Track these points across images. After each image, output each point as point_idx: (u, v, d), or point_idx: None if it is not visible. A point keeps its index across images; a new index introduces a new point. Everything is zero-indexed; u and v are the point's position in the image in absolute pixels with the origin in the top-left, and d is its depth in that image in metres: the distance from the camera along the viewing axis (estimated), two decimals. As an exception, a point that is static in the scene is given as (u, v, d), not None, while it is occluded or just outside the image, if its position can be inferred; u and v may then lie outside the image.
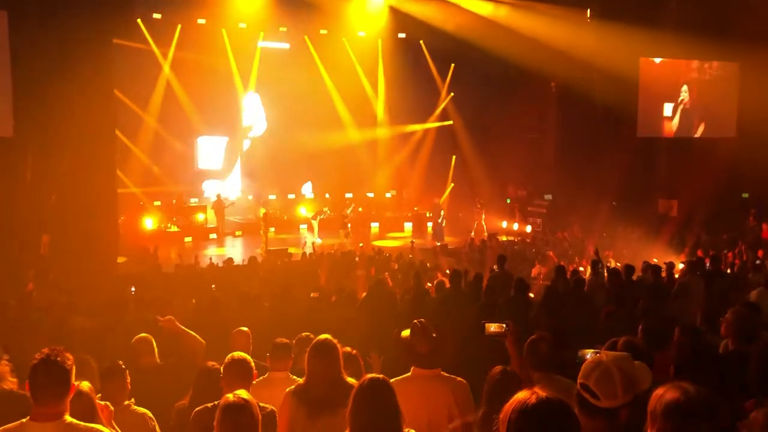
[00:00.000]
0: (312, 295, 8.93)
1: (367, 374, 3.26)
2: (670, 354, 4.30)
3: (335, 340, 3.79)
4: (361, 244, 17.83)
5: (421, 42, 23.44)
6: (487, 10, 20.31)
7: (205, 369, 4.15)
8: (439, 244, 19.03)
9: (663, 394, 2.12)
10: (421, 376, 3.81)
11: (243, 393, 3.08)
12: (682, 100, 21.58)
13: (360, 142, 23.51)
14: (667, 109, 21.58)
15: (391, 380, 3.71)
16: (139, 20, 18.53)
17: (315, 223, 20.22)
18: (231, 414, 2.95)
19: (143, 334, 5.11)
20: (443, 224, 20.53)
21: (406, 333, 3.92)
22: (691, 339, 4.13)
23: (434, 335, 3.83)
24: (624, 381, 2.47)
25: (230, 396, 3.03)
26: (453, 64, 23.57)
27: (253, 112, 23.49)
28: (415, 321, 3.92)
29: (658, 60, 21.38)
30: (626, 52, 19.15)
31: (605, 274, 9.54)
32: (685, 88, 21.45)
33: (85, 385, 3.46)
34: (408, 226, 22.61)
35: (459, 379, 3.88)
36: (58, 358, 2.96)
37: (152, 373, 4.81)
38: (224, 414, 2.97)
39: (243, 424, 2.94)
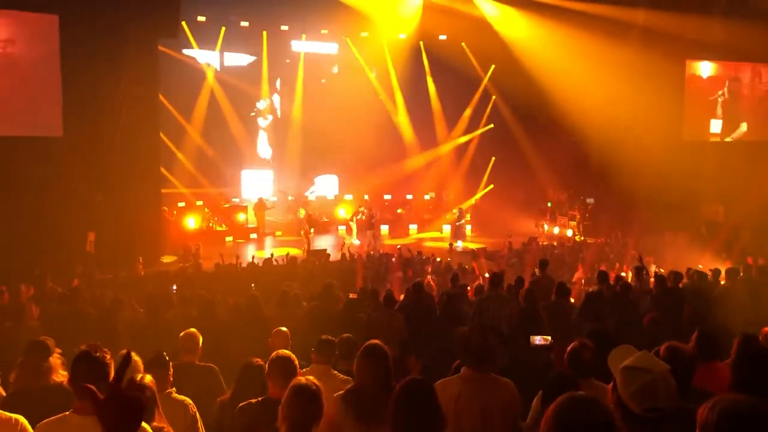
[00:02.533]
0: (351, 296, 8.96)
1: (408, 376, 3.24)
2: (721, 364, 4.20)
3: (385, 346, 3.73)
4: (399, 246, 17.82)
5: (464, 44, 23.35)
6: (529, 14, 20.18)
7: (248, 364, 4.21)
8: (458, 245, 19.05)
9: (715, 406, 2.04)
10: (473, 377, 3.75)
11: (313, 378, 3.12)
12: (725, 99, 21.12)
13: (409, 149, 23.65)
14: (713, 111, 21.14)
15: (442, 380, 3.71)
16: (183, 23, 18.89)
17: (353, 225, 20.28)
18: (300, 397, 3.00)
19: (191, 329, 5.18)
20: (464, 224, 20.55)
21: (463, 329, 3.88)
22: (752, 349, 4.00)
23: (492, 340, 3.77)
24: (667, 391, 2.44)
25: (302, 379, 3.09)
26: (493, 65, 23.39)
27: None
28: (476, 323, 3.88)
29: (704, 63, 20.94)
30: (671, 54, 18.77)
31: (650, 281, 9.36)
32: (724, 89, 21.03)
33: (148, 378, 3.53)
34: (447, 228, 22.55)
35: (505, 380, 3.82)
36: (98, 354, 3.06)
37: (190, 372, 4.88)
38: (293, 396, 3.01)
39: (310, 407, 3.00)
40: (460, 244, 19.53)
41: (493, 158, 24.13)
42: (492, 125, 24.27)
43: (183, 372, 4.78)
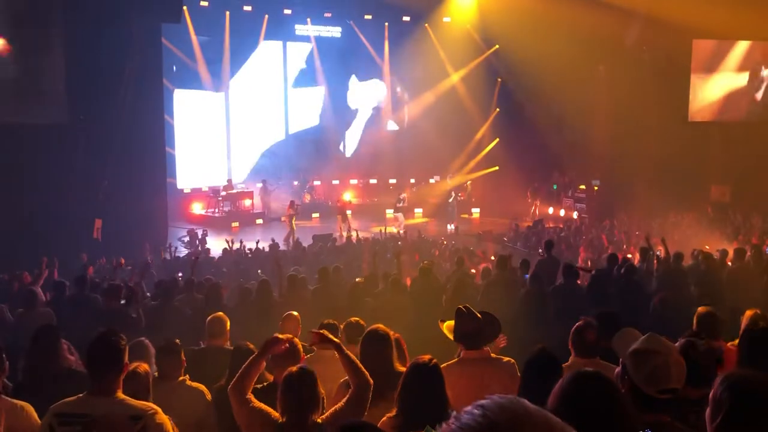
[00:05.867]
0: (357, 280, 8.98)
1: (417, 357, 3.29)
2: (726, 344, 4.21)
3: (388, 329, 3.82)
4: (402, 231, 17.81)
5: (469, 26, 23.18)
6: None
7: (239, 349, 4.20)
8: (451, 226, 18.93)
9: (728, 382, 2.06)
10: (470, 359, 3.84)
11: (306, 365, 3.17)
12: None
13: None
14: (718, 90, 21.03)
15: (442, 365, 3.74)
16: (185, 8, 18.65)
17: (400, 215, 19.63)
18: (292, 386, 3.05)
19: (219, 314, 5.19)
20: (455, 205, 20.56)
21: (450, 323, 3.94)
22: (756, 327, 4.01)
23: (478, 316, 3.86)
24: (678, 371, 2.45)
25: (294, 368, 3.13)
26: (497, 45, 23.14)
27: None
28: (460, 306, 3.94)
29: (711, 41, 20.76)
30: (678, 33, 18.60)
31: (655, 262, 9.34)
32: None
33: (143, 367, 3.64)
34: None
35: (506, 359, 3.92)
36: (113, 338, 3.12)
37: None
38: (286, 387, 3.06)
39: (305, 396, 3.04)
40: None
41: (497, 139, 24.00)
42: (498, 110, 24.13)
43: (212, 355, 4.83)
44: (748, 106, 21.17)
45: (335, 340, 3.60)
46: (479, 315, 3.88)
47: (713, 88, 21.22)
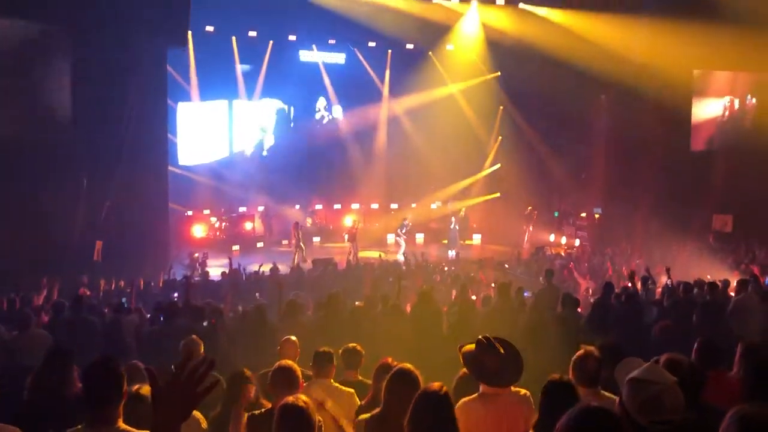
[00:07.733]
0: (357, 304, 8.94)
1: (428, 385, 3.22)
2: (725, 372, 4.17)
3: (417, 372, 3.61)
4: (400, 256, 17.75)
5: (474, 55, 23.36)
6: (536, 18, 20.28)
7: (235, 376, 4.15)
8: (453, 253, 18.82)
9: (737, 415, 2.03)
10: (491, 393, 3.65)
11: (303, 396, 3.14)
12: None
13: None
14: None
15: (464, 400, 3.63)
16: (189, 33, 18.69)
17: (401, 240, 19.49)
18: (288, 417, 3.02)
19: (192, 336, 5.18)
20: (456, 231, 20.54)
21: (470, 347, 3.75)
22: (759, 357, 3.95)
23: (501, 350, 3.65)
24: (673, 403, 2.41)
25: (290, 398, 3.09)
26: (498, 72, 23.31)
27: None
28: (481, 337, 3.74)
29: (712, 71, 20.92)
30: (680, 63, 18.74)
31: (656, 291, 9.31)
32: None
33: (146, 389, 3.48)
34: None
35: (523, 391, 3.75)
36: (111, 364, 2.99)
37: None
38: (281, 417, 3.03)
39: (300, 426, 3.00)
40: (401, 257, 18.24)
41: (498, 164, 24.09)
42: (500, 137, 24.23)
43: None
44: (739, 133, 21.21)
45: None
46: (502, 349, 3.64)
47: (708, 116, 21.35)
